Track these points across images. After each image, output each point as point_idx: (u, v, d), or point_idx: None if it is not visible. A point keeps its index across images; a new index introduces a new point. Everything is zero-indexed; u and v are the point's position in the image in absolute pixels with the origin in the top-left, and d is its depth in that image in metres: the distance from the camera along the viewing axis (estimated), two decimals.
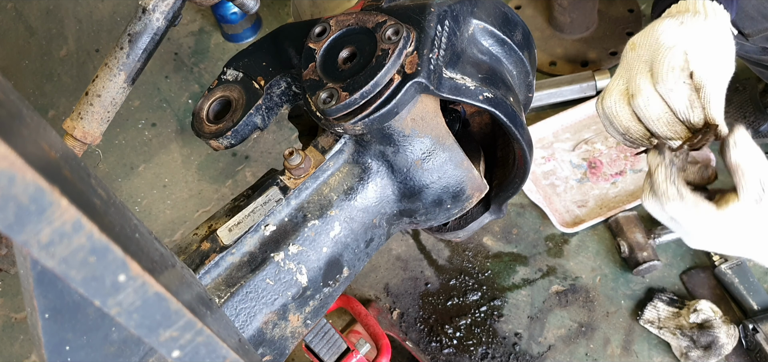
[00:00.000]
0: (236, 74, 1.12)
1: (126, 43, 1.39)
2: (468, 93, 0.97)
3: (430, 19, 0.97)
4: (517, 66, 1.14)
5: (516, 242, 1.69)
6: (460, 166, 1.06)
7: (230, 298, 0.93)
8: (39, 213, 0.37)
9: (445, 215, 1.11)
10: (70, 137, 1.44)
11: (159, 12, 1.38)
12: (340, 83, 0.94)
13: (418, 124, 0.99)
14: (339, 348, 1.23)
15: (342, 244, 1.02)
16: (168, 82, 2.22)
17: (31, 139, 0.41)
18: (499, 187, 1.20)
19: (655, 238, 1.57)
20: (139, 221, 0.58)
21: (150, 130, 2.11)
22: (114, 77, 1.41)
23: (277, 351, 0.98)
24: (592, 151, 1.79)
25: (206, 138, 1.08)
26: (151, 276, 0.45)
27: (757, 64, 1.42)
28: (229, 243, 0.96)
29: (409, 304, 1.62)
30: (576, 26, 2.04)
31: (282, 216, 0.99)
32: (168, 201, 1.94)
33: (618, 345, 1.51)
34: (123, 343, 0.61)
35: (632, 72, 0.95)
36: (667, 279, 1.57)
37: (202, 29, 2.35)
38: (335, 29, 1.00)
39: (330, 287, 1.02)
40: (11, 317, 1.78)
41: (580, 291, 1.59)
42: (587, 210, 1.70)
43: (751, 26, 1.28)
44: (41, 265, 0.49)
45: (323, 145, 1.04)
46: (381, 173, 1.04)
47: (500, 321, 1.57)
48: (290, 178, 1.01)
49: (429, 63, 0.93)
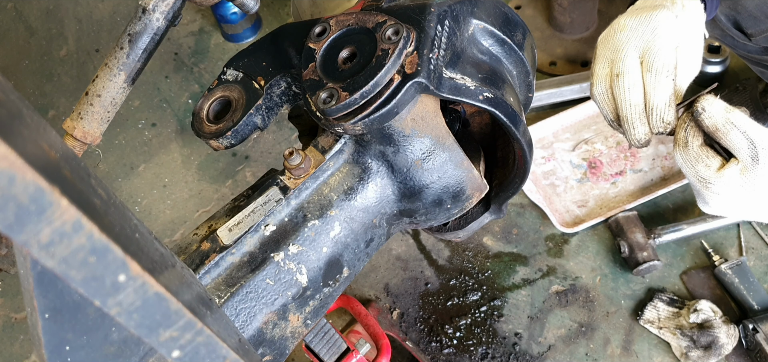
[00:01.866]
0: (236, 74, 1.12)
1: (126, 43, 1.39)
2: (468, 93, 0.97)
3: (430, 19, 0.97)
4: (517, 66, 1.14)
5: (516, 242, 1.69)
6: (460, 166, 1.06)
7: (230, 298, 0.93)
8: (39, 213, 0.37)
9: (445, 215, 1.11)
10: (70, 137, 1.44)
11: (159, 12, 1.38)
12: (340, 83, 0.94)
13: (418, 124, 0.99)
14: (339, 348, 1.23)
15: (342, 244, 1.02)
16: (168, 82, 2.22)
17: (31, 139, 0.41)
18: (499, 187, 1.20)
19: (655, 238, 1.57)
20: (139, 221, 0.58)
21: (150, 130, 2.11)
22: (114, 77, 1.41)
23: (277, 351, 0.99)
24: (592, 151, 1.79)
25: (206, 138, 1.08)
26: (151, 276, 0.45)
27: (758, 64, 1.42)
28: (229, 243, 0.96)
29: (409, 304, 1.62)
30: (576, 26, 2.04)
31: (282, 216, 0.99)
32: (168, 201, 1.94)
33: (618, 345, 1.51)
34: (123, 343, 0.61)
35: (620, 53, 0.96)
36: (667, 279, 1.57)
37: (202, 29, 2.35)
38: (335, 29, 1.00)
39: (330, 287, 1.02)
40: (11, 317, 1.78)
41: (580, 291, 1.59)
42: (587, 210, 1.70)
43: (754, 26, 1.28)
44: (41, 265, 0.49)
45: (323, 145, 1.04)
46: (381, 173, 1.04)
47: (500, 321, 1.57)
48: (290, 178, 1.01)
49: (429, 63, 0.93)
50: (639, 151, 1.76)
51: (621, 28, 0.97)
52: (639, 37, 0.95)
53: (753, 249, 1.58)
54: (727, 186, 0.90)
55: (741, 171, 0.89)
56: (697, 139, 0.92)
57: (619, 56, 0.96)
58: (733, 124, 0.88)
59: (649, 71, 0.93)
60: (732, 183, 0.90)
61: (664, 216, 1.66)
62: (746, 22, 1.28)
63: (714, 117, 0.89)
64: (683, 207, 1.67)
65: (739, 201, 0.92)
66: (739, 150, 0.88)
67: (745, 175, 0.89)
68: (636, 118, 0.96)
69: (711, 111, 0.89)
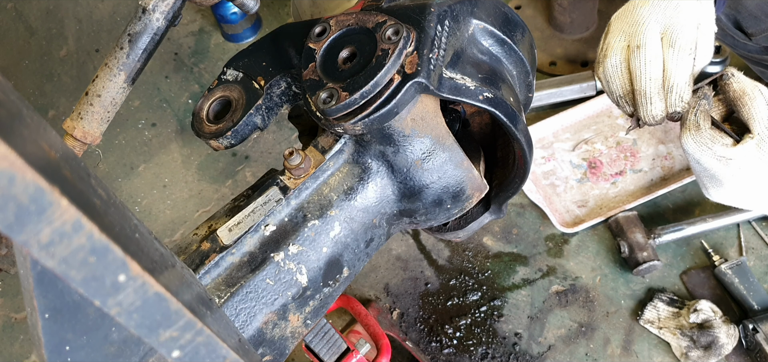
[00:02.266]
0: (236, 74, 1.12)
1: (126, 43, 1.39)
2: (468, 93, 0.97)
3: (430, 19, 0.97)
4: (517, 66, 1.14)
5: (516, 242, 1.69)
6: (460, 166, 1.06)
7: (230, 298, 0.93)
8: (39, 213, 0.37)
9: (445, 215, 1.11)
10: (70, 137, 1.44)
11: (159, 12, 1.38)
12: (340, 83, 0.94)
13: (418, 124, 0.99)
14: (339, 348, 1.23)
15: (342, 244, 1.02)
16: (168, 82, 2.22)
17: (31, 139, 0.41)
18: (499, 187, 1.20)
19: (655, 238, 1.57)
20: (139, 221, 0.58)
21: (150, 130, 2.11)
22: (114, 77, 1.41)
23: (277, 351, 0.99)
24: (592, 151, 1.79)
25: (206, 138, 1.08)
26: (151, 276, 0.45)
27: (758, 64, 1.42)
28: (229, 243, 0.96)
29: (409, 304, 1.62)
30: (576, 26, 2.04)
31: (282, 216, 0.99)
32: (168, 201, 1.94)
33: (618, 345, 1.51)
34: (123, 343, 0.61)
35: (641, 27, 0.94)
36: (667, 279, 1.57)
37: (202, 29, 2.35)
38: (335, 29, 1.00)
39: (330, 287, 1.02)
40: (11, 317, 1.78)
41: (580, 291, 1.59)
42: (587, 210, 1.70)
43: (754, 25, 1.28)
44: (41, 265, 0.49)
45: (323, 145, 1.04)
46: (381, 173, 1.04)
47: (500, 321, 1.57)
48: (290, 178, 1.01)
49: (429, 63, 0.93)
50: (639, 151, 1.76)
51: (642, 3, 0.95)
52: (661, 12, 0.93)
53: (753, 249, 1.58)
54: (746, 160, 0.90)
55: (757, 144, 0.89)
56: (707, 121, 0.92)
57: (639, 29, 0.94)
58: (761, 91, 0.89)
59: (671, 47, 0.92)
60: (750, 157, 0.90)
61: (664, 216, 1.66)
62: (746, 21, 1.28)
63: (742, 82, 0.90)
64: (683, 207, 1.67)
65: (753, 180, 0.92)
66: (759, 120, 0.88)
67: (762, 148, 0.89)
68: (654, 93, 0.94)
69: (739, 76, 0.91)
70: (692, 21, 0.92)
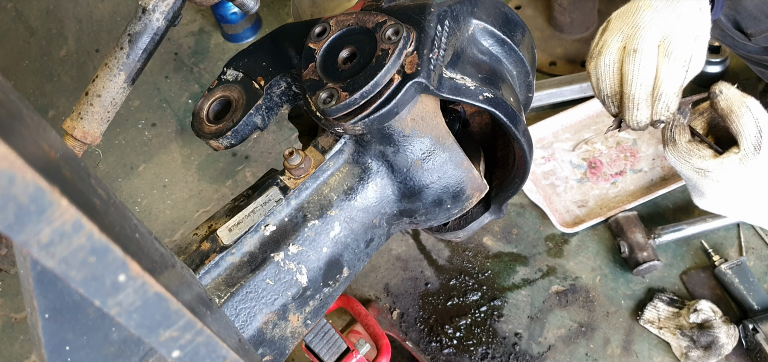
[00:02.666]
0: (236, 74, 1.12)
1: (126, 43, 1.39)
2: (468, 93, 0.97)
3: (430, 19, 0.97)
4: (517, 66, 1.14)
5: (516, 242, 1.69)
6: (460, 166, 1.06)
7: (230, 298, 0.93)
8: (39, 213, 0.37)
9: (445, 215, 1.11)
10: (70, 137, 1.44)
11: (159, 12, 1.38)
12: (340, 83, 0.94)
13: (418, 124, 0.99)
14: (339, 348, 1.23)
15: (342, 244, 1.02)
16: (168, 82, 2.22)
17: (31, 139, 0.41)
18: (499, 187, 1.20)
19: (655, 238, 1.57)
20: (139, 221, 0.58)
21: (150, 130, 2.11)
22: (114, 77, 1.41)
23: (277, 351, 0.99)
24: (592, 151, 1.79)
25: (206, 138, 1.08)
26: (151, 276, 0.45)
27: (758, 64, 1.42)
28: (229, 243, 0.96)
29: (409, 304, 1.62)
30: (576, 26, 2.04)
31: (282, 216, 0.99)
32: (168, 201, 1.94)
33: (618, 345, 1.51)
34: (123, 343, 0.61)
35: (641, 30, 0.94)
36: (667, 279, 1.57)
37: (202, 29, 2.35)
38: (335, 29, 1.00)
39: (330, 287, 1.02)
40: (11, 317, 1.78)
41: (580, 291, 1.59)
42: (587, 210, 1.70)
43: (754, 26, 1.28)
44: (41, 265, 0.49)
45: (323, 145, 1.04)
46: (381, 173, 1.04)
47: (500, 321, 1.57)
48: (290, 178, 1.01)
49: (429, 63, 0.93)
50: (639, 151, 1.76)
51: (646, 7, 0.95)
52: (663, 19, 0.93)
53: (753, 249, 1.58)
54: (727, 173, 0.90)
55: (741, 159, 0.90)
56: (684, 136, 0.94)
57: (639, 33, 0.93)
58: (749, 108, 0.89)
59: (667, 56, 0.92)
60: (731, 170, 0.90)
61: (664, 216, 1.66)
62: (746, 22, 1.28)
63: (730, 98, 0.90)
64: (683, 207, 1.67)
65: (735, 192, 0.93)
66: (746, 136, 0.89)
67: (745, 164, 0.89)
68: (643, 100, 0.94)
69: (728, 93, 0.91)
70: (691, 33, 0.93)
